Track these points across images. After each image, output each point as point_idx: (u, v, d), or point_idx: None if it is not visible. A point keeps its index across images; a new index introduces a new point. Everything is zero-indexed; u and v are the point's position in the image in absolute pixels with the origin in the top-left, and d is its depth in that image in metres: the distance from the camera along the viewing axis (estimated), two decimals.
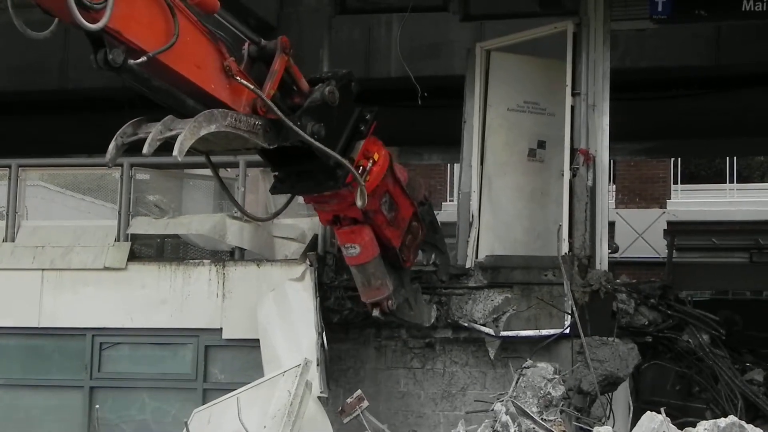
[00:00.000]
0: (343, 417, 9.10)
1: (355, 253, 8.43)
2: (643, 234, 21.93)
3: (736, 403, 10.23)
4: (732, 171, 24.43)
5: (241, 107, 6.74)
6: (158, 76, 6.18)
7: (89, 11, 5.41)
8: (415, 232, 9.03)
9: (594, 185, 10.19)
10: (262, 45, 6.97)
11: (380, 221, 8.42)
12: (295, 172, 7.81)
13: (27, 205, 11.25)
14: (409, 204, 8.81)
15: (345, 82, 7.62)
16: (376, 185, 8.05)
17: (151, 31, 5.95)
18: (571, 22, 10.47)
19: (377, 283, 8.63)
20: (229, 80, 6.60)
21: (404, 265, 9.13)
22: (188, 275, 10.47)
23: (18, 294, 10.74)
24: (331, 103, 7.39)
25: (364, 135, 7.91)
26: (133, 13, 5.80)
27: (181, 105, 6.48)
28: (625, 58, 12.67)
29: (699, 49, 12.88)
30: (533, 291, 10.10)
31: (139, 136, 6.57)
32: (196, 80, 6.36)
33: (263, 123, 6.88)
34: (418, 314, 9.73)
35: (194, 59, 6.32)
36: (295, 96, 7.27)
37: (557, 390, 8.57)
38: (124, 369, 10.64)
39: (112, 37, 5.75)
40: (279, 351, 9.67)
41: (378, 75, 13.28)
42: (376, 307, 8.80)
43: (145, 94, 6.31)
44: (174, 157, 6.27)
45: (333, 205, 8.15)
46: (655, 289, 10.75)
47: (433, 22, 12.75)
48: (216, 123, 6.46)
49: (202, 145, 6.66)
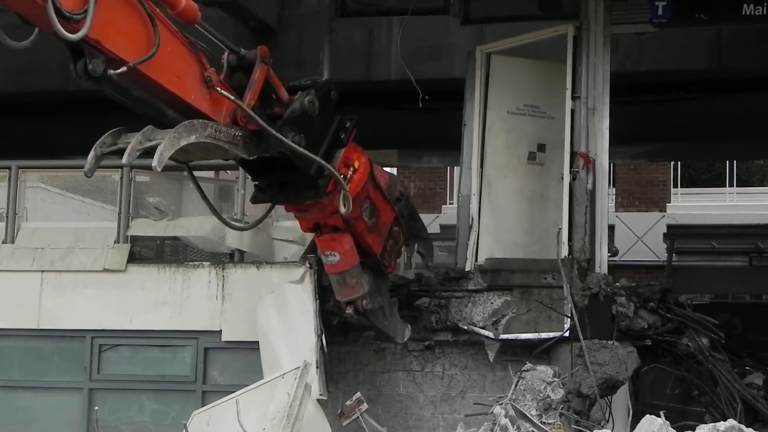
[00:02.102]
0: (343, 419, 9.10)
1: (335, 261, 8.48)
2: (643, 237, 21.93)
3: (735, 406, 10.23)
4: (732, 175, 24.44)
5: (222, 118, 6.70)
6: (138, 86, 6.13)
7: (69, 21, 5.35)
8: (396, 237, 9.09)
9: (594, 188, 10.19)
10: (242, 54, 6.93)
11: (361, 228, 8.46)
12: (276, 182, 7.82)
13: (27, 206, 11.25)
14: (390, 209, 8.87)
15: (325, 90, 7.62)
16: (357, 193, 8.08)
17: (132, 42, 5.90)
18: (571, 26, 10.48)
19: (352, 282, 8.65)
20: (209, 91, 6.56)
21: (386, 270, 9.19)
22: (188, 277, 10.47)
23: (17, 295, 10.73)
24: (311, 112, 7.38)
25: (345, 143, 7.93)
26: (113, 23, 5.74)
27: (161, 115, 6.43)
28: (625, 61, 12.67)
29: (699, 53, 12.89)
30: (533, 294, 10.09)
31: (119, 146, 6.53)
32: (177, 91, 6.31)
33: (243, 134, 6.86)
34: (392, 327, 9.74)
35: (174, 70, 6.27)
36: (274, 105, 7.26)
37: (556, 393, 8.57)
38: (123, 371, 10.63)
39: (92, 47, 5.70)
40: (278, 353, 9.67)
41: (378, 77, 13.29)
42: (350, 306, 8.83)
43: (125, 104, 6.27)
44: (153, 168, 6.22)
45: (314, 214, 8.17)
46: (655, 292, 10.76)
47: (433, 24, 12.75)
48: (196, 134, 6.43)
49: (181, 155, 6.62)
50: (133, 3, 5.87)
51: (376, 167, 8.58)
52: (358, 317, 9.05)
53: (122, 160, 6.36)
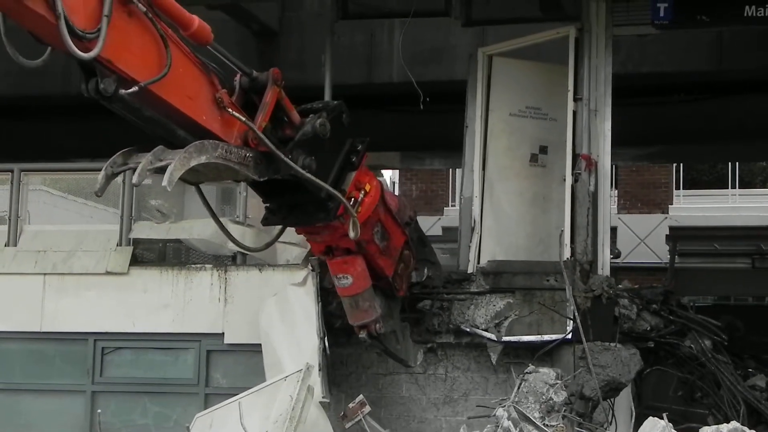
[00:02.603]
0: (345, 422, 9.10)
1: (348, 284, 8.47)
2: (645, 239, 21.92)
3: (738, 408, 10.22)
4: (734, 176, 24.44)
5: (233, 139, 6.70)
6: (150, 106, 6.13)
7: (82, 40, 5.39)
8: (407, 260, 9.13)
9: (596, 190, 10.19)
10: (254, 76, 6.94)
11: (373, 250, 8.47)
12: (287, 204, 7.82)
13: (29, 209, 11.26)
14: (401, 233, 8.89)
15: (336, 113, 7.61)
16: (367, 216, 8.09)
17: (144, 62, 5.92)
18: (573, 28, 10.48)
19: (365, 305, 8.65)
20: (220, 112, 6.57)
21: (397, 293, 9.22)
22: (190, 280, 10.47)
23: (20, 298, 10.74)
24: (322, 135, 7.36)
25: (356, 166, 7.92)
26: (126, 42, 5.77)
27: (172, 135, 6.44)
28: (626, 63, 12.67)
29: (701, 55, 12.88)
30: (535, 296, 10.08)
31: (129, 165, 6.56)
32: (188, 111, 6.33)
33: (254, 155, 6.85)
34: (404, 350, 9.79)
35: (186, 90, 6.29)
36: (286, 128, 7.24)
37: (559, 395, 8.56)
38: (125, 373, 10.64)
39: (104, 67, 5.72)
40: (281, 356, 9.67)
41: (380, 80, 13.29)
42: (363, 330, 8.83)
43: (136, 124, 6.28)
44: (164, 188, 6.25)
45: (325, 236, 8.17)
46: (657, 294, 10.74)
47: (435, 27, 12.76)
48: (206, 154, 6.42)
49: (192, 176, 6.64)
50: (145, 23, 5.90)
51: (386, 191, 8.60)
52: (372, 341, 9.06)
53: (133, 180, 6.39)
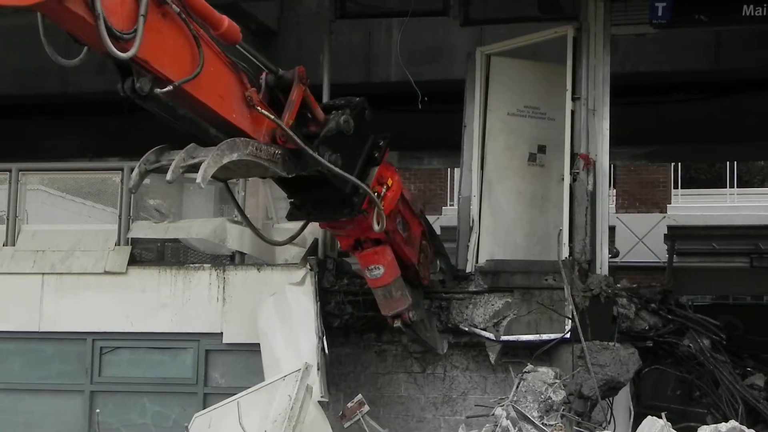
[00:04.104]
0: (344, 421, 9.10)
1: (380, 274, 8.63)
2: (644, 238, 21.92)
3: (736, 407, 10.23)
4: (732, 175, 24.43)
5: (261, 136, 6.89)
6: (183, 104, 6.32)
7: (119, 41, 5.55)
8: (426, 250, 9.39)
9: (594, 190, 10.19)
10: (280, 75, 7.10)
11: (399, 239, 8.71)
12: (311, 199, 7.98)
13: (27, 209, 11.25)
14: (418, 223, 9.14)
15: (359, 110, 7.77)
16: (390, 210, 8.27)
17: (177, 61, 6.09)
18: (571, 27, 10.48)
19: (397, 294, 8.82)
20: (249, 110, 6.77)
21: (422, 282, 9.43)
22: (188, 279, 10.47)
23: (18, 298, 10.73)
24: (346, 132, 7.53)
25: (378, 161, 8.13)
26: (161, 43, 5.95)
27: (204, 133, 6.63)
28: (625, 62, 12.67)
29: (699, 54, 12.88)
30: (534, 295, 10.09)
31: (162, 163, 6.75)
32: (219, 109, 6.51)
33: (282, 152, 7.03)
34: (432, 338, 9.93)
35: (217, 89, 6.48)
36: (310, 124, 7.41)
37: (558, 395, 8.57)
38: (124, 373, 10.63)
39: (141, 66, 5.91)
40: (279, 355, 9.67)
41: (378, 79, 13.29)
42: (397, 319, 8.96)
43: (169, 122, 6.45)
44: (197, 184, 6.42)
45: (349, 230, 8.37)
46: (656, 293, 10.75)
47: (433, 26, 12.75)
48: (238, 151, 6.60)
49: (222, 173, 6.80)
50: (178, 24, 6.06)
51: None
52: (406, 330, 9.16)
53: (167, 177, 6.54)
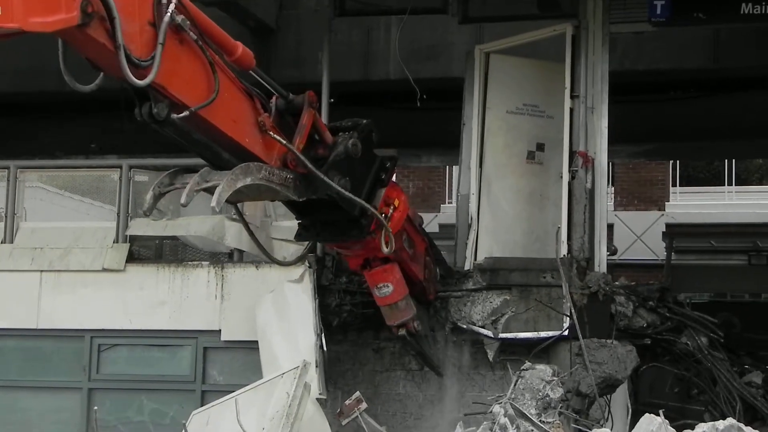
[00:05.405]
0: (342, 419, 9.11)
1: (389, 292, 8.69)
2: (642, 236, 21.93)
3: (734, 405, 10.23)
4: (730, 173, 24.44)
5: (273, 161, 6.98)
6: (198, 129, 6.42)
7: (137, 68, 5.63)
8: (430, 266, 9.46)
9: (593, 187, 10.19)
10: (290, 99, 7.19)
11: (405, 257, 8.79)
12: (320, 221, 8.04)
13: (26, 206, 11.25)
14: (421, 239, 9.18)
15: (366, 133, 7.83)
16: (397, 230, 8.33)
17: (193, 87, 6.17)
18: (570, 25, 10.48)
19: (402, 304, 8.84)
20: (262, 135, 6.86)
21: (429, 297, 9.55)
22: (187, 277, 10.47)
23: (16, 295, 10.73)
24: (354, 155, 7.60)
25: (385, 183, 8.19)
26: (178, 69, 6.03)
27: (217, 157, 6.74)
28: (623, 60, 12.67)
29: (697, 52, 12.88)
30: (532, 293, 10.10)
31: (176, 186, 6.87)
32: (233, 134, 6.61)
33: (294, 176, 7.11)
34: (435, 357, 9.93)
35: (231, 114, 6.58)
36: (318, 147, 7.47)
37: (556, 392, 8.57)
38: (122, 370, 10.64)
39: (158, 92, 5.98)
40: (277, 353, 9.67)
41: (377, 77, 13.28)
42: (402, 328, 9.00)
43: (185, 146, 6.57)
44: (212, 209, 6.57)
45: (357, 251, 8.43)
46: (654, 291, 10.75)
47: (431, 24, 12.74)
48: (251, 176, 6.69)
49: (234, 196, 6.84)
50: (195, 50, 6.14)
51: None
52: (410, 339, 9.18)
53: (181, 201, 6.65)
